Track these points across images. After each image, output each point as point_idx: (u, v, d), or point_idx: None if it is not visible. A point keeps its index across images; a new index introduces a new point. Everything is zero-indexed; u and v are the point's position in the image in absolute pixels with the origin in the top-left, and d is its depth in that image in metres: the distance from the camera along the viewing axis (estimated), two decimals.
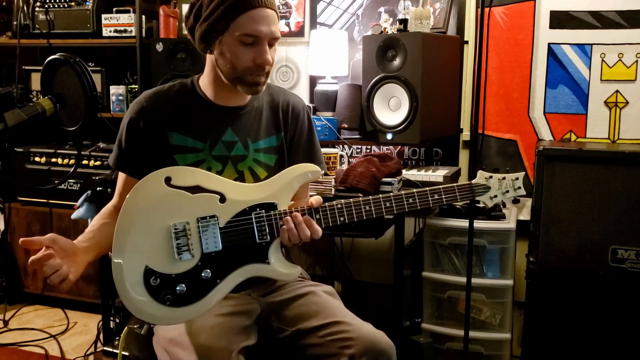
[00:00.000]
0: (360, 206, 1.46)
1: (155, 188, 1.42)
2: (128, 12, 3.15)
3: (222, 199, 1.43)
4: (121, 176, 1.62)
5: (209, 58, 1.56)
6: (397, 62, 2.54)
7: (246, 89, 1.52)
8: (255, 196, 1.45)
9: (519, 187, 1.53)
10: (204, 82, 1.61)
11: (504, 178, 1.52)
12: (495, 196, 1.52)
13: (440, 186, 1.49)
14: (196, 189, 1.43)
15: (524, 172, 1.56)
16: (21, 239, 1.35)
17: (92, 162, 3.12)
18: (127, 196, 1.43)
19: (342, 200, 1.46)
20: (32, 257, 1.33)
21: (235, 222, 1.43)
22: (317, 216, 1.45)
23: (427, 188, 1.49)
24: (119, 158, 1.60)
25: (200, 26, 1.49)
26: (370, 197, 1.47)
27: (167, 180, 1.42)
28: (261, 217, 1.44)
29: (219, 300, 1.42)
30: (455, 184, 1.50)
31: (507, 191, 1.53)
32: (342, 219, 1.46)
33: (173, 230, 1.41)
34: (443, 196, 1.48)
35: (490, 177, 1.52)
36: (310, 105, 2.93)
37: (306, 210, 1.44)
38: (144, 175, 1.58)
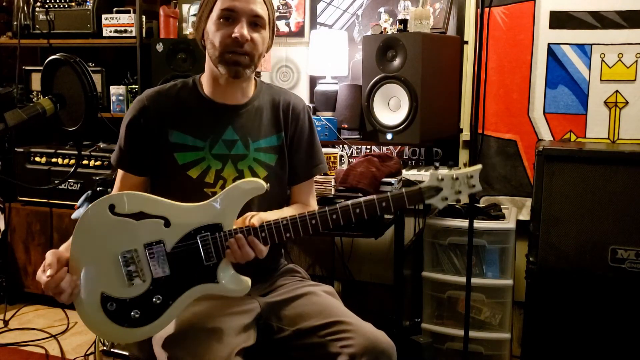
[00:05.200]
0: (306, 221, 1.42)
1: (100, 217, 1.41)
2: (128, 12, 3.15)
3: (167, 224, 1.41)
4: (120, 173, 1.63)
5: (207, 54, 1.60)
6: (397, 62, 2.54)
7: (227, 69, 1.52)
8: (200, 218, 1.42)
9: (474, 185, 1.41)
10: (204, 80, 1.63)
11: (457, 178, 1.40)
12: (447, 198, 1.41)
13: (389, 193, 1.42)
14: (140, 215, 1.41)
15: (480, 166, 1.43)
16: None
17: (92, 162, 3.11)
18: (75, 226, 1.42)
19: (288, 216, 1.42)
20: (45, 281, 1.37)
21: (181, 246, 1.42)
22: (263, 234, 1.42)
23: (374, 196, 1.41)
24: (121, 156, 1.61)
25: (199, 21, 1.58)
26: (315, 211, 1.43)
27: (111, 208, 1.41)
28: (207, 239, 1.41)
29: (175, 317, 1.45)
30: (404, 190, 1.41)
31: (460, 191, 1.41)
32: (287, 235, 1.43)
33: (122, 258, 1.41)
34: (391, 204, 1.41)
35: (442, 179, 1.40)
36: (310, 105, 2.94)
37: (251, 230, 1.41)
38: (145, 174, 1.58)
